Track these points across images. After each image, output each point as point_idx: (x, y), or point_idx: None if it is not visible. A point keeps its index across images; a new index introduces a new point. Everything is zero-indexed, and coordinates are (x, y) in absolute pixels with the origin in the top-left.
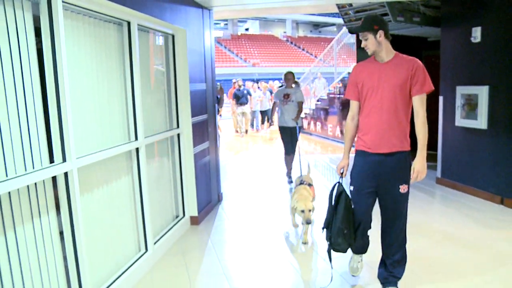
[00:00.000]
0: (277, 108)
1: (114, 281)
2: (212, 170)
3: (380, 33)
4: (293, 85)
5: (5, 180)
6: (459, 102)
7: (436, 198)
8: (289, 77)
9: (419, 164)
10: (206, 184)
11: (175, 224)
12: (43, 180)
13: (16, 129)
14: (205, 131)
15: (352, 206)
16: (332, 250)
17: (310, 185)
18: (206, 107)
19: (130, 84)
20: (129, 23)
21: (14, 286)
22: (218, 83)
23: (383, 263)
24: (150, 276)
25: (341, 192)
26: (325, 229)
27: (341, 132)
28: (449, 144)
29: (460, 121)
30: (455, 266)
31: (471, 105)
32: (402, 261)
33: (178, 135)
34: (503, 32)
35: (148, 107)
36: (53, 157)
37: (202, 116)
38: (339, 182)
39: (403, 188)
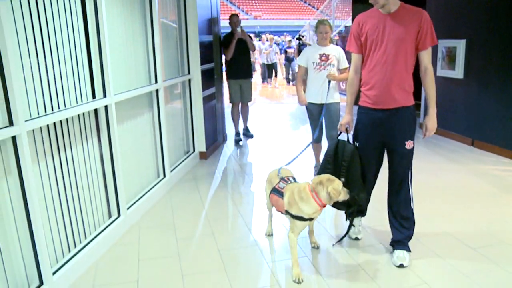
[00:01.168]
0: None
1: (140, 198)
2: (218, 112)
3: None
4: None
5: (65, 109)
6: (440, 54)
7: (417, 141)
8: (325, 30)
9: (430, 122)
10: (213, 124)
11: (186, 158)
12: (88, 112)
13: (70, 72)
14: (212, 78)
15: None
16: (354, 211)
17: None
18: (212, 57)
19: (151, 35)
20: None
21: (73, 195)
22: (240, 26)
23: (392, 225)
24: (169, 196)
25: (352, 150)
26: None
27: None
28: None
29: (441, 72)
30: (423, 189)
31: (450, 57)
32: (409, 220)
33: (189, 80)
34: None
35: (165, 56)
36: (95, 94)
37: (209, 65)
38: (340, 140)
39: (408, 144)
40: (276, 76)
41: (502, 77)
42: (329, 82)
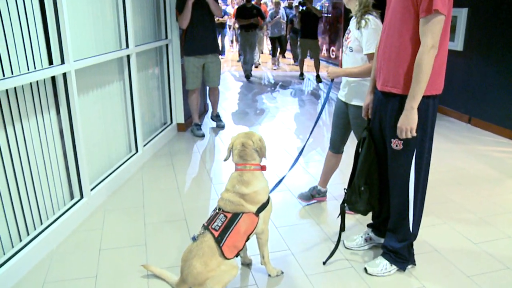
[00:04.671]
0: None
1: (108, 176)
2: None
3: None
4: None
5: (10, 77)
6: None
7: None
8: None
9: (401, 117)
10: None
11: (163, 130)
12: (44, 80)
13: (18, 32)
14: None
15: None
16: (347, 209)
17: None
18: None
19: None
20: None
21: (24, 176)
22: None
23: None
24: (140, 173)
25: (363, 138)
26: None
27: (327, 51)
28: None
29: None
30: None
31: (450, 26)
32: (395, 232)
33: (167, 45)
34: None
35: (139, 18)
36: (52, 59)
37: None
38: (366, 127)
39: (394, 143)
40: (281, 53)
41: (506, 50)
42: (332, 80)
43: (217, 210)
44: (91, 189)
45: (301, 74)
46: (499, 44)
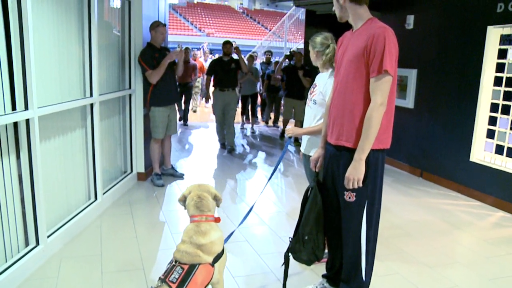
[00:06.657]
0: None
1: (65, 223)
2: None
3: None
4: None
5: None
6: None
7: None
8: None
9: (350, 168)
10: None
11: (123, 178)
12: (6, 125)
13: None
14: None
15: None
16: (291, 258)
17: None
18: None
19: (88, 44)
20: None
21: None
22: (180, 44)
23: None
24: (99, 221)
25: (310, 188)
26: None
27: None
28: None
29: None
30: None
31: (401, 86)
32: (349, 282)
33: (130, 95)
34: (433, 21)
35: (104, 68)
36: (15, 105)
37: None
38: (314, 179)
39: (347, 195)
40: (253, 114)
41: (451, 108)
42: (290, 137)
43: (173, 263)
44: (48, 236)
45: (283, 134)
46: (445, 102)
